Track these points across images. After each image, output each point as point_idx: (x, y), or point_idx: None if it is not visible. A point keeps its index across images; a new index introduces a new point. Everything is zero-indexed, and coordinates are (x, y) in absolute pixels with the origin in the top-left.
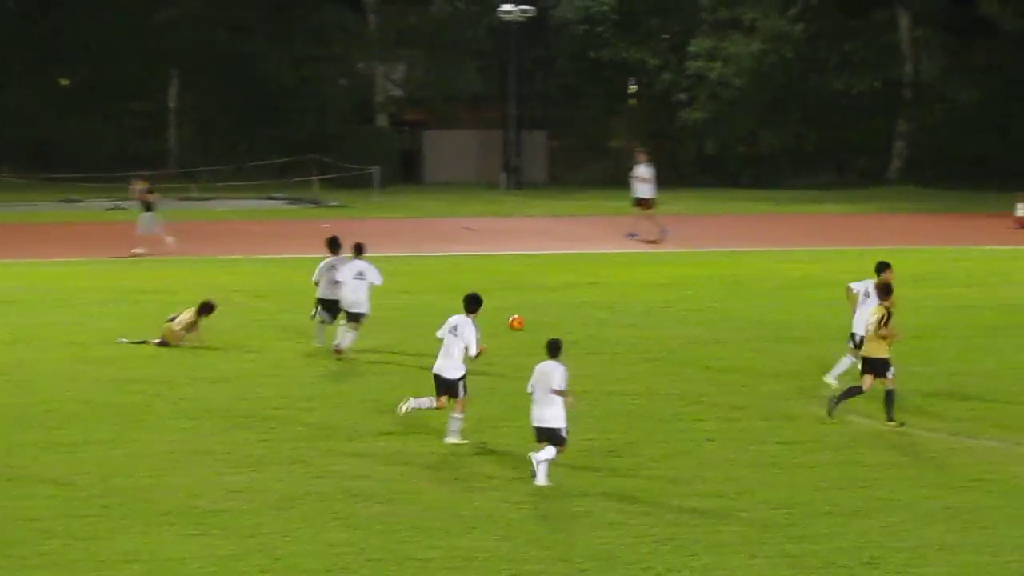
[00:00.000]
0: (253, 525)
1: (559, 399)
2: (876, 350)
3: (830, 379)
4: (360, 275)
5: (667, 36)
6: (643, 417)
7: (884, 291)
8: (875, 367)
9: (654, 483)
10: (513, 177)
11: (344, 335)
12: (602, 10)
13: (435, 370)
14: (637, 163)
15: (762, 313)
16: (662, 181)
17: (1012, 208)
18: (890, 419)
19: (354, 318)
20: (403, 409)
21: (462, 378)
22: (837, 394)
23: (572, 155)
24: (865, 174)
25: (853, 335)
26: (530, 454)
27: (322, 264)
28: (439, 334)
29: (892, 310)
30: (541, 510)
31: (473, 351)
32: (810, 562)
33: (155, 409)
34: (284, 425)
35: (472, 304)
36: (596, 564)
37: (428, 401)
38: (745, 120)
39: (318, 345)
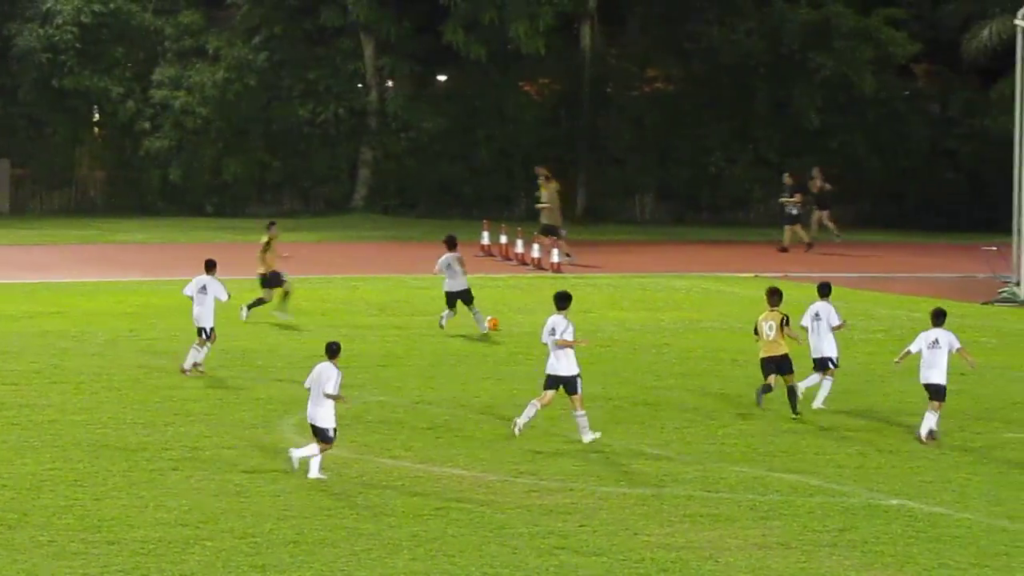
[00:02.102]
0: None
1: (330, 401)
2: (778, 349)
3: (818, 404)
4: (203, 289)
5: (131, 65)
6: (108, 446)
7: (776, 297)
8: (780, 365)
9: (120, 512)
10: None
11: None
12: (65, 39)
13: (550, 371)
14: None
15: (222, 342)
16: (127, 210)
17: (478, 236)
18: (795, 412)
19: (200, 333)
20: (518, 430)
21: (578, 375)
22: (759, 390)
23: (36, 184)
24: (330, 202)
25: (816, 360)
26: (290, 450)
27: (440, 260)
28: (542, 340)
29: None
30: (3, 540)
31: (570, 337)
32: None
33: None
34: None
35: (562, 301)
36: None
37: (533, 408)
38: (209, 148)
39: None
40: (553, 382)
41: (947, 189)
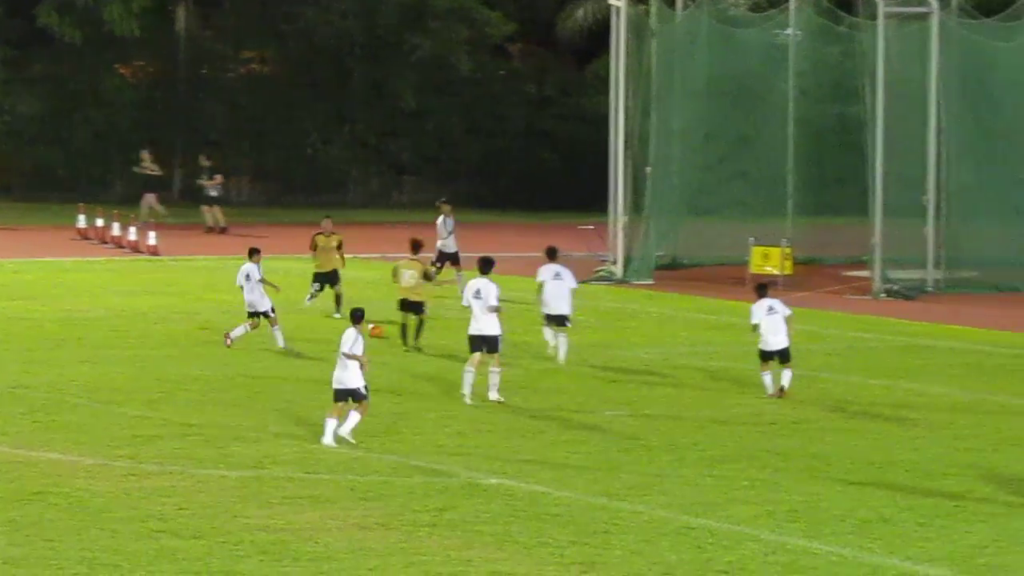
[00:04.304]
0: None
1: (354, 363)
2: (416, 294)
3: (561, 359)
4: (247, 278)
5: None
6: None
7: (416, 247)
8: (415, 307)
9: None
10: None
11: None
12: None
13: (473, 331)
14: None
15: None
16: None
17: (74, 219)
18: (415, 345)
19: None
20: (468, 399)
21: (500, 335)
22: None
23: None
24: None
25: (548, 315)
26: (337, 431)
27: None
28: (463, 303)
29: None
30: None
31: (494, 303)
32: None
33: None
34: None
35: (485, 266)
36: None
37: (469, 375)
38: None
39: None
40: (478, 342)
41: (543, 168)
